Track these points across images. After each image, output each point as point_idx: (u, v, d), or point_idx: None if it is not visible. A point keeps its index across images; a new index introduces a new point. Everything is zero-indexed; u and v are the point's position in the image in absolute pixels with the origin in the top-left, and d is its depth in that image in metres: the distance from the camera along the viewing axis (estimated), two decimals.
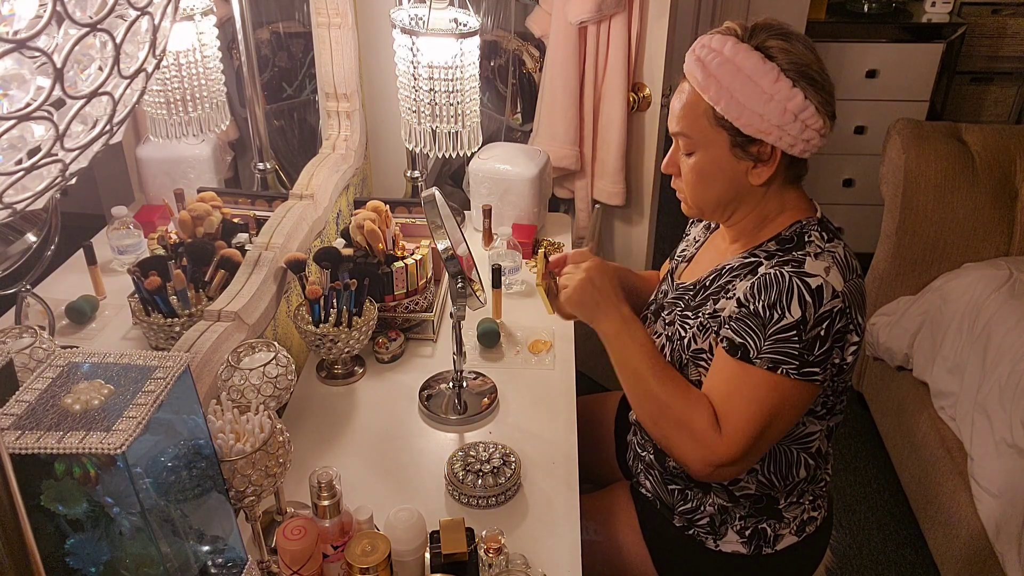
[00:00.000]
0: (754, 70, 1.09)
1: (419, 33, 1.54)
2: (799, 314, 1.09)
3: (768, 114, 1.10)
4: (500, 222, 1.96)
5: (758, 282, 1.13)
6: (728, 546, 1.30)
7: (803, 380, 1.12)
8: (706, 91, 1.12)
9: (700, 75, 1.13)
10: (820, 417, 1.23)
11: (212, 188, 1.44)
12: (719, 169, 1.18)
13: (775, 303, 1.11)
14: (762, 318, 1.11)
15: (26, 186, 0.50)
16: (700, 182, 1.20)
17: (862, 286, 1.16)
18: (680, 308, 1.28)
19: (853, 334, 1.13)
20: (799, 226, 1.19)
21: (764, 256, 1.18)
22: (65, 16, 0.45)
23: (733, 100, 1.11)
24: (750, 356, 1.12)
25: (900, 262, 2.40)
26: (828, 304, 1.09)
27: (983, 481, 1.87)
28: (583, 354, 1.65)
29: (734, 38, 1.12)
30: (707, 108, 1.14)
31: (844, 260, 1.14)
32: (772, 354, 1.11)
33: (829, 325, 1.10)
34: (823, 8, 3.15)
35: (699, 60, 1.13)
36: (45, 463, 0.75)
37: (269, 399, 1.18)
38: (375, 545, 1.02)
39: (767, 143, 1.13)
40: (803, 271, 1.11)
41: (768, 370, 1.12)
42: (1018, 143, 2.31)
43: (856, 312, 1.12)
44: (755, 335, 1.12)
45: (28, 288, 1.00)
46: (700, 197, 1.22)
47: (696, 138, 1.17)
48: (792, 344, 1.10)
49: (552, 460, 1.33)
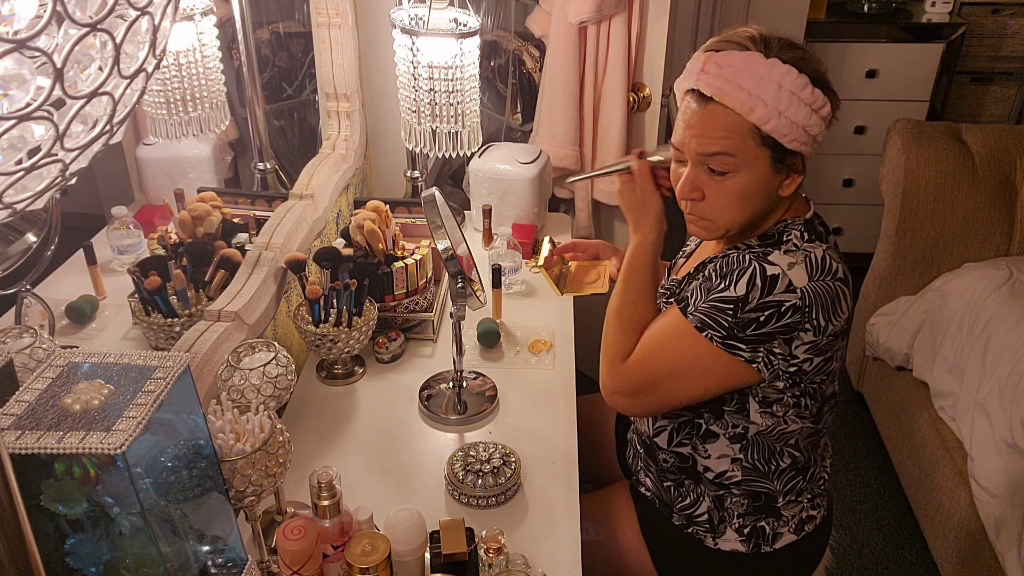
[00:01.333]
0: (793, 85, 1.08)
1: (419, 33, 1.54)
2: (743, 292, 1.12)
3: (811, 126, 1.10)
4: (500, 222, 1.96)
5: (723, 260, 1.18)
6: (727, 544, 1.30)
7: (724, 350, 1.14)
8: (752, 111, 1.08)
9: (739, 95, 1.08)
10: (802, 418, 1.23)
11: (212, 188, 1.44)
12: (760, 188, 1.15)
13: (726, 275, 1.15)
14: (711, 283, 1.16)
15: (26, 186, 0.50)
16: (738, 203, 1.16)
17: (838, 289, 1.14)
18: (666, 297, 1.32)
19: (809, 333, 1.12)
20: (784, 224, 1.20)
21: (744, 248, 1.20)
22: (65, 16, 0.45)
23: (782, 118, 1.08)
24: (686, 310, 1.18)
25: (900, 262, 2.40)
26: (778, 296, 1.10)
27: (983, 481, 1.87)
28: (583, 354, 1.65)
29: (759, 54, 1.09)
30: (751, 128, 1.10)
31: (819, 261, 1.14)
32: (704, 315, 1.15)
33: (772, 315, 1.11)
34: (823, 8, 3.15)
35: (729, 80, 1.08)
36: (45, 463, 0.75)
37: (269, 399, 1.18)
38: (375, 545, 1.02)
39: (800, 154, 1.13)
40: (765, 259, 1.13)
41: (695, 328, 1.15)
42: (1018, 143, 2.31)
43: (819, 313, 1.11)
44: (699, 295, 1.17)
45: (28, 288, 1.00)
46: (734, 218, 1.17)
47: (740, 158, 1.12)
48: (725, 315, 1.13)
49: (552, 460, 1.33)
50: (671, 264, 1.45)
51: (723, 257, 1.20)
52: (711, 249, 1.30)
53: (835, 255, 1.17)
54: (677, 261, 1.43)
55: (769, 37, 1.12)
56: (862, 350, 2.56)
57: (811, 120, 1.10)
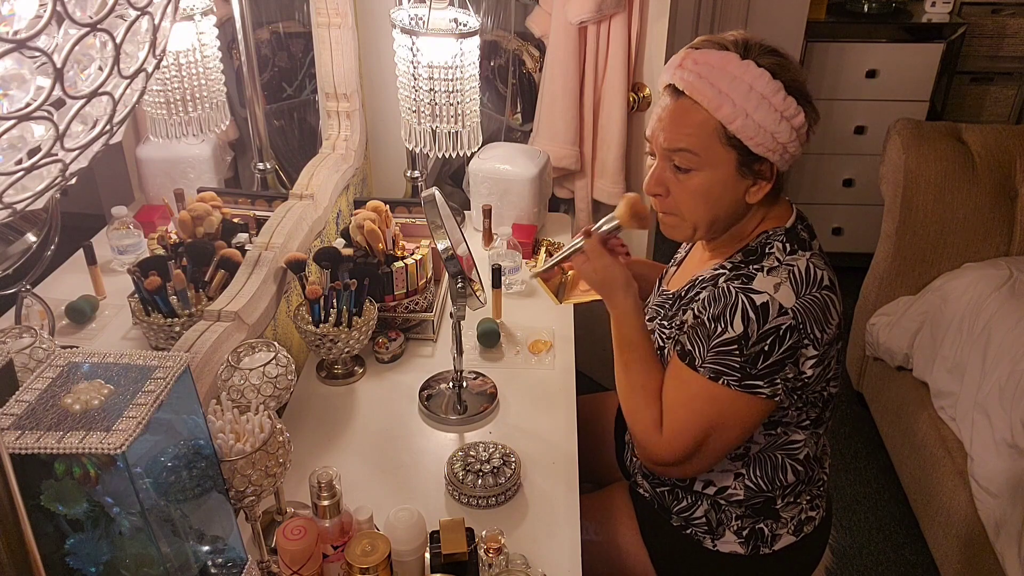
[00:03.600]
0: (765, 89, 1.08)
1: (419, 33, 1.54)
2: (741, 329, 1.10)
3: (779, 133, 1.09)
4: (500, 222, 1.96)
5: (709, 295, 1.15)
6: (726, 546, 1.30)
7: (745, 392, 1.12)
8: (719, 109, 1.08)
9: (709, 91, 1.08)
10: (803, 427, 1.23)
11: (212, 188, 1.44)
12: (723, 189, 1.14)
13: (719, 316, 1.12)
14: (707, 329, 1.13)
15: (26, 186, 0.50)
16: (702, 203, 1.16)
17: (826, 298, 1.13)
18: (660, 317, 1.30)
19: (810, 348, 1.12)
20: (765, 236, 1.19)
21: (729, 267, 1.18)
22: (65, 16, 0.45)
23: (749, 120, 1.08)
24: (696, 364, 1.15)
25: (900, 262, 2.40)
26: (774, 321, 1.09)
27: (983, 481, 1.87)
28: (583, 354, 1.65)
29: (735, 55, 1.09)
30: (718, 126, 1.10)
31: (803, 274, 1.13)
32: (714, 364, 1.13)
33: (775, 342, 1.10)
34: (823, 8, 3.15)
35: (702, 77, 1.09)
36: (45, 463, 0.75)
37: (269, 399, 1.18)
38: (375, 545, 1.02)
39: (769, 161, 1.13)
40: (750, 287, 1.12)
41: (710, 379, 1.13)
42: (1018, 143, 2.31)
43: (812, 327, 1.11)
44: (700, 344, 1.14)
45: (28, 288, 1.00)
46: (699, 218, 1.18)
47: (704, 156, 1.12)
48: (733, 357, 1.11)
49: (552, 460, 1.33)
50: (663, 273, 1.44)
51: (713, 284, 1.18)
52: (699, 263, 1.29)
53: (819, 262, 1.16)
54: (669, 270, 1.42)
55: (751, 41, 1.11)
56: (862, 350, 2.56)
57: (780, 127, 1.09)
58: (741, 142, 1.10)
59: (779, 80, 1.08)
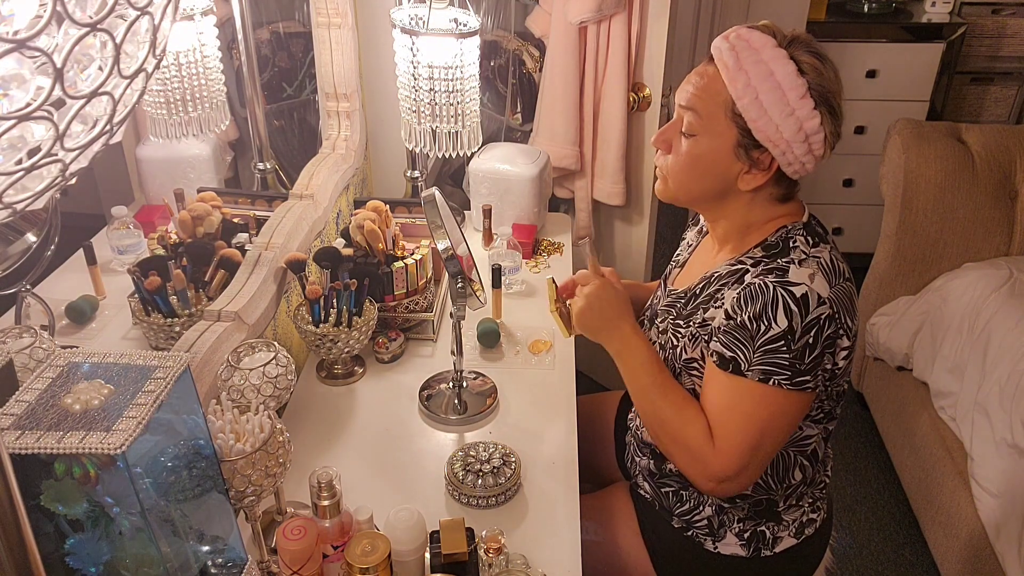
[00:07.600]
0: (785, 79, 1.08)
1: (419, 33, 1.54)
2: (785, 324, 1.09)
3: (784, 127, 1.09)
4: (500, 222, 1.96)
5: (743, 293, 1.13)
6: (727, 548, 1.30)
7: (796, 390, 1.11)
8: (734, 82, 1.10)
9: (732, 64, 1.10)
10: (817, 421, 1.23)
11: (212, 188, 1.44)
12: (714, 162, 1.16)
13: (761, 314, 1.10)
14: (749, 330, 1.11)
15: (26, 186, 0.50)
16: (691, 169, 1.18)
17: (851, 290, 1.14)
18: (672, 316, 1.28)
19: (844, 339, 1.12)
20: (784, 231, 1.18)
21: (751, 263, 1.17)
22: (65, 16, 0.45)
23: (757, 101, 1.09)
24: (741, 369, 1.12)
25: (900, 262, 2.40)
26: (815, 312, 1.09)
27: (983, 481, 1.87)
28: (583, 354, 1.65)
29: (774, 41, 1.11)
30: (727, 98, 1.12)
31: (830, 265, 1.14)
32: (763, 365, 1.11)
33: (818, 332, 1.09)
34: (823, 8, 3.15)
35: (734, 49, 1.11)
36: (45, 463, 0.75)
37: (269, 399, 1.18)
38: (375, 545, 1.02)
39: (770, 153, 1.13)
40: (787, 280, 1.11)
41: (760, 382, 1.11)
42: (1018, 143, 2.31)
43: (845, 316, 1.12)
44: (744, 347, 1.12)
45: (28, 288, 1.00)
46: (683, 184, 1.20)
47: (706, 121, 1.15)
48: (782, 354, 1.10)
49: (552, 460, 1.33)
50: (664, 275, 1.44)
51: (737, 281, 1.16)
52: (710, 259, 1.28)
53: (838, 255, 1.17)
54: (672, 271, 1.42)
55: (801, 38, 1.13)
56: (862, 350, 2.56)
57: (787, 121, 1.09)
58: (745, 122, 1.11)
59: (805, 78, 1.09)
